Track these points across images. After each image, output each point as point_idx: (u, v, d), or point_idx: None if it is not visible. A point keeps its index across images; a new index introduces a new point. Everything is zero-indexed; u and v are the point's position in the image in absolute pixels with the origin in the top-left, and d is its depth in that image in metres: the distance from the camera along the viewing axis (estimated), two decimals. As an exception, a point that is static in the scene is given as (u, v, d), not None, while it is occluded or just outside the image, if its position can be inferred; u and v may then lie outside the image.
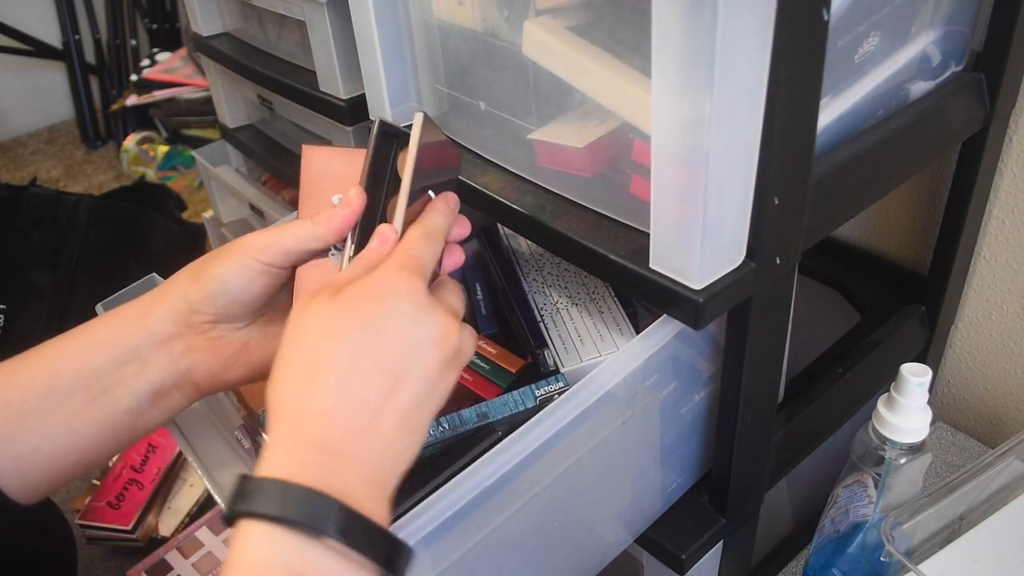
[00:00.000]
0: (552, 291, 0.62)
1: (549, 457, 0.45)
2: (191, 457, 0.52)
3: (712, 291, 0.42)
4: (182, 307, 0.46)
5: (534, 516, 0.47)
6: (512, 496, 0.44)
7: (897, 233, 0.80)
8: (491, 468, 0.42)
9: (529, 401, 0.52)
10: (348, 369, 0.37)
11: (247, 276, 0.45)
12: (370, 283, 0.39)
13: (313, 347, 0.37)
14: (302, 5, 0.71)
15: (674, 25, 0.35)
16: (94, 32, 2.14)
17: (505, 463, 0.42)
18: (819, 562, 0.63)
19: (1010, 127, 0.66)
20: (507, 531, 0.45)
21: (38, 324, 1.18)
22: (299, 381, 0.37)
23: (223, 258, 0.46)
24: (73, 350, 0.46)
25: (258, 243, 0.45)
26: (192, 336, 0.47)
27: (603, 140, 0.48)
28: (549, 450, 0.44)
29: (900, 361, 0.54)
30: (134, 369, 0.45)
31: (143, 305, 0.47)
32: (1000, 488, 0.59)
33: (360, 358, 0.37)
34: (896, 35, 0.51)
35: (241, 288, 0.46)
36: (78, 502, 0.88)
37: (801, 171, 0.44)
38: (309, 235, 0.45)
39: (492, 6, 0.51)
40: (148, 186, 1.64)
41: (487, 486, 0.41)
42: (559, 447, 0.45)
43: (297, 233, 0.45)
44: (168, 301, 0.46)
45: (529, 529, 0.47)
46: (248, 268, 0.45)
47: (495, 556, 0.46)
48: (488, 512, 0.43)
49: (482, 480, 0.41)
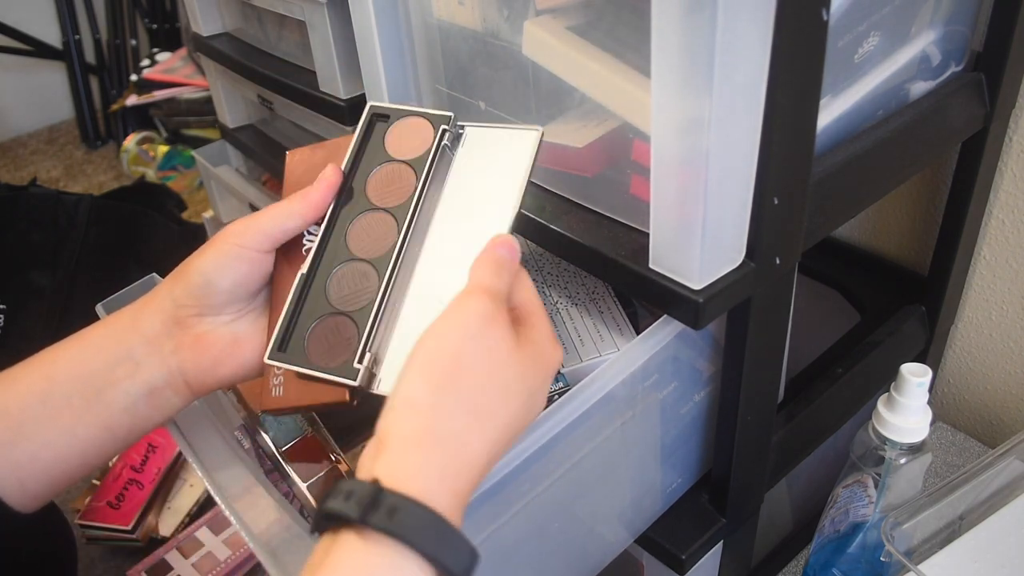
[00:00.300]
0: (552, 291, 0.62)
1: (550, 458, 0.45)
2: (191, 457, 0.52)
3: (712, 291, 0.42)
4: (168, 305, 0.46)
5: (535, 516, 0.47)
6: (513, 497, 0.44)
7: (897, 233, 0.80)
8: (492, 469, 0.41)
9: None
10: (508, 435, 0.38)
11: (227, 263, 0.45)
12: (542, 351, 0.40)
13: (487, 388, 0.37)
14: (302, 5, 0.71)
15: (674, 25, 0.35)
16: (94, 32, 2.14)
17: (506, 464, 0.42)
18: (819, 562, 0.63)
19: (1010, 127, 0.66)
20: (508, 531, 0.45)
21: (38, 324, 1.18)
22: (468, 419, 0.37)
23: (203, 250, 0.46)
24: (69, 355, 0.46)
25: (235, 228, 0.46)
26: (180, 334, 0.46)
27: (603, 140, 0.48)
28: (550, 451, 0.44)
29: (900, 361, 0.54)
30: (127, 370, 0.45)
31: (136, 308, 0.47)
32: (1000, 488, 0.59)
33: (515, 427, 0.39)
34: (896, 35, 0.51)
35: (222, 276, 0.45)
36: (78, 502, 0.88)
37: (801, 171, 0.44)
38: (285, 212, 0.46)
39: (492, 6, 0.51)
40: (148, 186, 1.64)
41: (488, 487, 0.41)
42: (560, 448, 0.45)
43: (273, 212, 0.46)
44: (155, 301, 0.47)
45: (530, 529, 0.47)
46: (226, 255, 0.45)
47: (497, 556, 0.46)
48: (489, 513, 0.43)
49: (484, 481, 0.41)
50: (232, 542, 0.80)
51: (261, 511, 0.47)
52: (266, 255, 0.46)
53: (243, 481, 0.49)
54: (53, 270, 1.20)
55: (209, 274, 0.45)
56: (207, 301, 0.46)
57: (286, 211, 0.46)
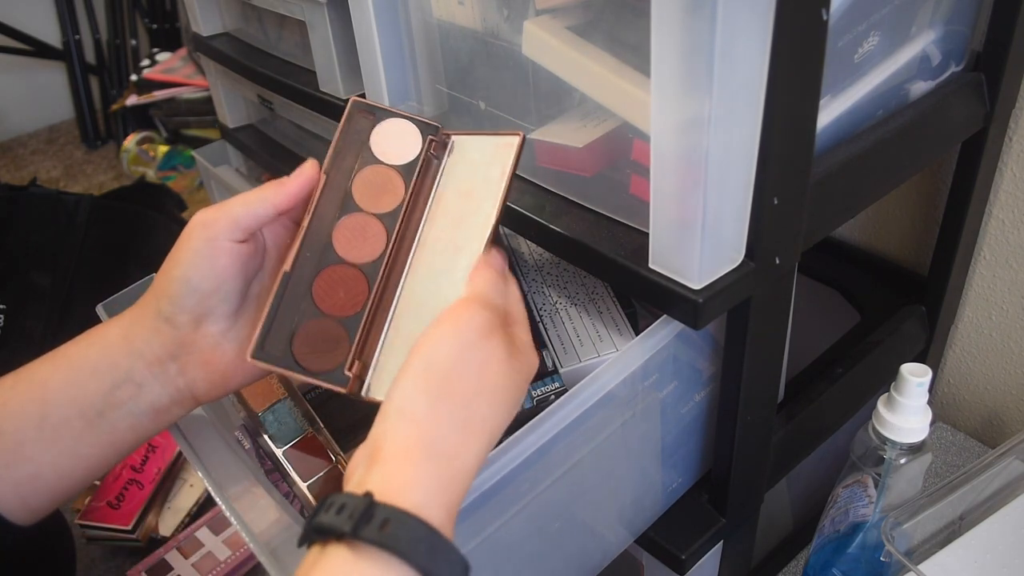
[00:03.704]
0: (551, 291, 0.62)
1: (550, 457, 0.45)
2: (191, 457, 0.52)
3: (712, 291, 0.42)
4: (161, 324, 0.44)
5: (535, 516, 0.47)
6: (513, 496, 0.44)
7: (897, 233, 0.80)
8: (492, 469, 0.41)
9: (527, 402, 0.52)
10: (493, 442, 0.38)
11: (201, 261, 0.43)
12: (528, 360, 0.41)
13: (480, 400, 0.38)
14: (302, 5, 0.71)
15: (673, 25, 0.35)
16: (94, 32, 2.14)
17: (507, 464, 0.42)
18: (819, 562, 0.63)
19: (1010, 127, 0.66)
20: (508, 531, 0.45)
21: (38, 324, 1.18)
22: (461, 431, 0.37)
23: (176, 253, 0.43)
24: (61, 379, 0.44)
25: (203, 219, 0.43)
26: (185, 355, 0.45)
27: (602, 140, 0.48)
28: (550, 451, 0.44)
29: (900, 361, 0.54)
30: (129, 392, 0.44)
31: (124, 327, 0.45)
32: (1000, 488, 0.59)
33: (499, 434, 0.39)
34: (896, 35, 0.51)
35: (201, 276, 0.43)
36: (78, 502, 0.88)
37: (801, 171, 0.44)
38: (257, 199, 0.44)
39: (492, 6, 0.51)
40: (148, 186, 1.63)
41: (489, 487, 0.41)
42: (560, 448, 0.45)
43: (247, 198, 0.44)
44: (147, 322, 0.44)
45: (530, 529, 0.47)
46: (198, 253, 0.43)
47: (497, 556, 0.46)
48: (490, 512, 0.43)
49: (484, 481, 0.41)
50: (232, 542, 0.80)
51: (261, 511, 0.47)
52: (242, 245, 0.44)
53: (243, 481, 0.49)
54: (53, 270, 1.20)
55: (191, 279, 0.43)
56: (197, 307, 0.44)
57: (258, 197, 0.44)
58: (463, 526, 0.41)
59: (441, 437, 0.36)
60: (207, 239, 0.43)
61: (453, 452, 0.36)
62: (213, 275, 0.43)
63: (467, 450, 0.37)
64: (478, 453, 0.37)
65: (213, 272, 0.43)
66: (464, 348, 0.38)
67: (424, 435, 0.36)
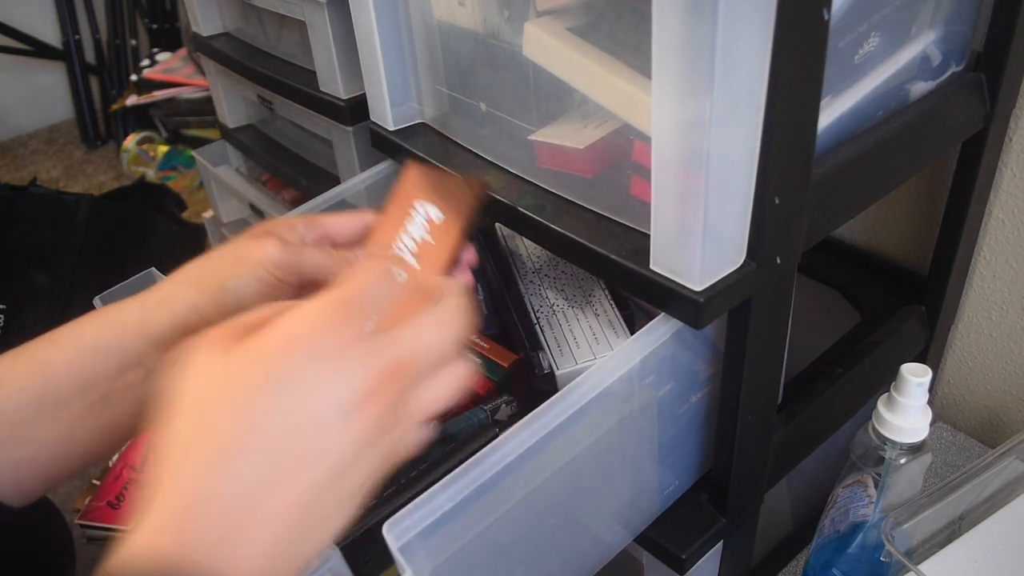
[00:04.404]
0: (549, 293, 0.62)
1: (546, 453, 0.45)
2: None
3: (713, 291, 0.42)
4: (194, 319, 0.44)
5: (531, 513, 0.47)
6: (508, 492, 0.44)
7: (897, 233, 0.80)
8: (487, 464, 0.41)
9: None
10: (228, 448, 0.30)
11: (262, 288, 0.44)
12: (273, 334, 0.32)
13: (193, 416, 0.32)
14: (302, 5, 0.71)
15: (674, 26, 0.35)
16: (94, 32, 2.15)
17: (502, 458, 0.42)
18: (819, 562, 0.63)
19: (1010, 127, 0.66)
20: (504, 527, 0.45)
21: (38, 324, 1.18)
22: (175, 455, 0.31)
23: (238, 269, 0.44)
24: (66, 357, 0.43)
25: (277, 259, 0.44)
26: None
27: (603, 141, 0.48)
28: (546, 446, 0.44)
29: (900, 361, 0.54)
30: (137, 375, 0.44)
31: (143, 310, 0.44)
32: (1000, 488, 0.59)
33: (246, 433, 0.31)
34: (896, 35, 0.51)
35: (252, 298, 0.44)
36: (78, 502, 0.88)
37: (802, 171, 0.44)
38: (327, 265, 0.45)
39: (492, 7, 0.51)
40: (148, 186, 1.64)
41: (483, 481, 0.41)
42: (555, 444, 0.45)
43: (318, 261, 0.46)
44: (175, 310, 0.44)
45: (526, 526, 0.47)
46: (262, 281, 0.44)
47: (492, 551, 0.46)
48: (484, 507, 0.43)
49: (478, 475, 0.41)
50: (232, 542, 0.80)
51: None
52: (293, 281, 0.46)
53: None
54: (53, 270, 1.20)
55: (243, 298, 0.44)
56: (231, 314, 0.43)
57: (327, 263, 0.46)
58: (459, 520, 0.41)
59: (167, 466, 0.31)
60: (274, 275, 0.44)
61: (174, 475, 0.31)
62: (261, 300, 0.45)
63: (189, 474, 0.30)
64: (207, 471, 0.30)
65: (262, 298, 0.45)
66: (184, 379, 0.32)
67: (155, 469, 0.31)
